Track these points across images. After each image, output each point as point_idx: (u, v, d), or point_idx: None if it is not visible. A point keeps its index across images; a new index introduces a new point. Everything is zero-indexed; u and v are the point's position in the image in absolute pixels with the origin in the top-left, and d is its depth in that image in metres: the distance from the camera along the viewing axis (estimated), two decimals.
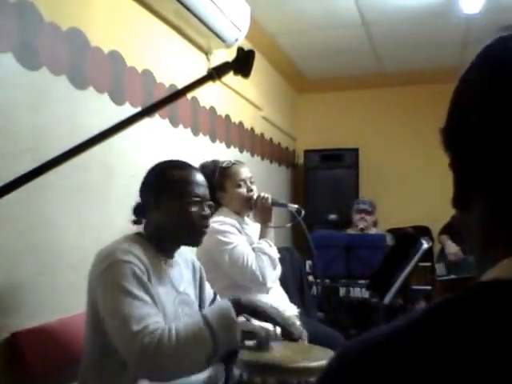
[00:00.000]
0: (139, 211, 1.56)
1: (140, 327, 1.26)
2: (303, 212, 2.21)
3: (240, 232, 2.21)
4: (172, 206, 1.49)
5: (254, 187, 2.29)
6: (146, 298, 1.33)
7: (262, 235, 2.23)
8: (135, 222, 1.57)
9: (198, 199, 1.51)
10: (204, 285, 1.71)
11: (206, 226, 1.55)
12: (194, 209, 1.50)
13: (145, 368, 1.29)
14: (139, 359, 1.27)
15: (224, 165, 2.29)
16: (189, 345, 1.28)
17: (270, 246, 2.18)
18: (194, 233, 1.53)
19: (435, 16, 3.60)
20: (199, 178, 1.55)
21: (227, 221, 2.18)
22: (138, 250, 1.41)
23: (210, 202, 1.58)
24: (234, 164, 2.29)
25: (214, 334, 1.30)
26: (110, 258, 1.37)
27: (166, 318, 1.41)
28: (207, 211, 1.54)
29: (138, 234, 1.53)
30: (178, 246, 1.58)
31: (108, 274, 1.35)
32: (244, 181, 2.26)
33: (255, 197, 2.26)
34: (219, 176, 2.25)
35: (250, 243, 2.20)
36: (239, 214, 2.30)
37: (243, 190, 2.25)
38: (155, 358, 1.25)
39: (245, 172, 2.28)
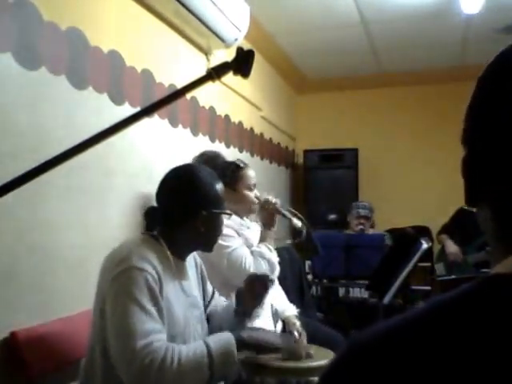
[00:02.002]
0: (155, 217, 1.53)
1: (143, 344, 1.25)
2: (305, 232, 2.19)
3: (238, 234, 2.20)
4: (206, 222, 1.51)
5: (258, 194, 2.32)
6: (155, 311, 1.32)
7: (263, 239, 2.21)
8: (149, 229, 1.53)
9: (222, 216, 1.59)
10: (205, 281, 1.72)
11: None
12: (221, 224, 1.58)
13: None
14: (138, 378, 1.26)
15: (239, 163, 2.32)
16: (188, 373, 1.29)
17: (270, 250, 2.16)
18: (215, 242, 1.60)
19: (435, 16, 3.60)
20: (223, 190, 1.59)
21: (226, 223, 2.17)
22: (153, 255, 1.40)
23: (228, 212, 1.64)
24: (245, 165, 2.33)
25: (213, 370, 1.31)
26: (125, 263, 1.34)
27: (176, 323, 1.41)
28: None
29: (151, 235, 1.50)
30: (193, 251, 1.61)
31: (121, 281, 1.33)
32: (254, 185, 2.30)
33: (263, 198, 2.23)
34: (232, 174, 2.26)
35: (248, 246, 2.19)
36: (239, 215, 2.30)
37: (252, 195, 2.28)
38: (155, 381, 1.25)
39: (254, 177, 2.33)
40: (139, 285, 1.31)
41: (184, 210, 1.50)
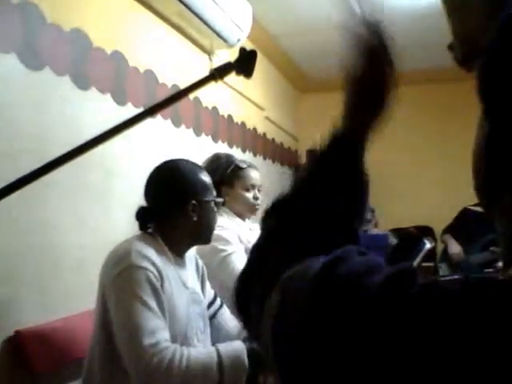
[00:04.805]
0: (147, 217, 1.52)
1: (151, 342, 1.25)
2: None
3: (240, 240, 2.16)
4: (197, 210, 1.51)
5: (260, 196, 2.28)
6: (158, 308, 1.33)
7: None
8: (142, 228, 1.52)
9: (214, 204, 1.58)
10: (205, 283, 1.71)
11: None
12: (213, 212, 1.57)
13: None
14: (145, 377, 1.26)
15: (239, 164, 2.28)
16: (197, 378, 1.28)
17: None
18: (210, 233, 1.60)
19: (437, 15, 3.58)
20: (210, 179, 1.60)
21: (227, 226, 2.14)
22: (152, 252, 1.40)
23: (218, 199, 1.62)
24: (248, 167, 2.30)
25: (223, 377, 1.30)
26: (125, 261, 1.35)
27: (178, 320, 1.41)
28: (216, 209, 1.62)
29: (148, 233, 1.51)
30: (191, 247, 1.60)
31: (122, 280, 1.33)
32: (253, 186, 2.26)
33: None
34: (231, 173, 2.25)
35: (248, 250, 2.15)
36: (242, 216, 2.29)
37: (250, 195, 2.25)
38: (162, 381, 1.25)
39: (256, 178, 2.29)
40: (140, 282, 1.32)
41: (173, 203, 1.51)
